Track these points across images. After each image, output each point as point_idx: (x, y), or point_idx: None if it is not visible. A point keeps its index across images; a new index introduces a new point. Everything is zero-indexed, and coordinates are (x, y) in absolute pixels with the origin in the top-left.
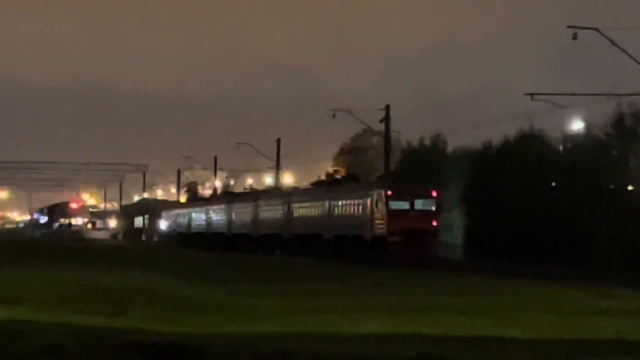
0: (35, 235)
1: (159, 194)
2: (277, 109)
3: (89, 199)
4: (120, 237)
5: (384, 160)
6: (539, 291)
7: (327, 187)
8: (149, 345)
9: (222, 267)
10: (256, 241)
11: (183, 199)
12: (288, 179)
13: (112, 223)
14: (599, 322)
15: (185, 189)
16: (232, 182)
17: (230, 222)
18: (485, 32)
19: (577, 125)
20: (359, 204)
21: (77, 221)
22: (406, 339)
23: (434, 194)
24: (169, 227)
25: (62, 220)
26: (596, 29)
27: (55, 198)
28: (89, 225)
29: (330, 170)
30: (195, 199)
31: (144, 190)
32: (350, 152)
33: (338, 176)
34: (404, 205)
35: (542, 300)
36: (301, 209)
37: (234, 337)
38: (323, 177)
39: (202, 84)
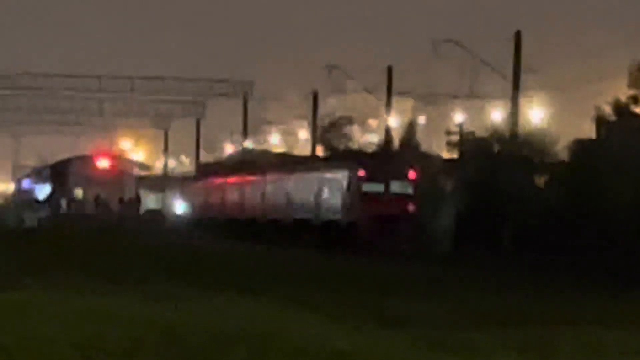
0: (26, 224)
1: (273, 140)
2: None
3: (134, 150)
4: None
5: None
6: None
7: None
8: None
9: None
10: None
11: (319, 152)
12: (536, 113)
13: (179, 200)
14: None
15: (321, 130)
16: (423, 117)
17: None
18: None
19: None
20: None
21: (109, 195)
22: None
23: (412, 175)
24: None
25: (76, 192)
26: None
27: (65, 148)
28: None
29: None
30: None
31: (245, 132)
32: None
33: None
34: (378, 187)
35: None
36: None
37: None
38: (606, 108)
39: None
